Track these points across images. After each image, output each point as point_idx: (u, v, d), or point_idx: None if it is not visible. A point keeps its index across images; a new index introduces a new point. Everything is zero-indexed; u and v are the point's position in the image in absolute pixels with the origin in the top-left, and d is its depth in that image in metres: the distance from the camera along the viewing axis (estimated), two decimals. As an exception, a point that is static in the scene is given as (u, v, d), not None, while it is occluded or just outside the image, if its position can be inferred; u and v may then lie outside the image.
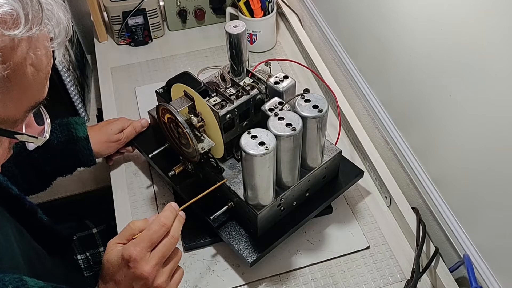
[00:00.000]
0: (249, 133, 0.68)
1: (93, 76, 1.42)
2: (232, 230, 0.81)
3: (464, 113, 0.71)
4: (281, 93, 0.79)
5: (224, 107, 0.77)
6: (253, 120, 0.82)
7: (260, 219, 0.76)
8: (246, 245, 0.79)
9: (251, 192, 0.74)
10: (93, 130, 0.92)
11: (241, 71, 0.85)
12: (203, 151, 0.76)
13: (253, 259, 0.77)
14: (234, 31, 0.81)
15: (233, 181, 0.79)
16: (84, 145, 0.89)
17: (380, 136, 0.99)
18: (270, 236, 0.79)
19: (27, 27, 0.41)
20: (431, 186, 0.84)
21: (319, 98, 0.74)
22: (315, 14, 1.21)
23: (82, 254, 1.01)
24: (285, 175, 0.76)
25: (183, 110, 0.77)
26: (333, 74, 1.13)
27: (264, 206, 0.75)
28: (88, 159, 0.90)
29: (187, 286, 0.81)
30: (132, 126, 0.95)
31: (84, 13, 1.48)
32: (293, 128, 0.69)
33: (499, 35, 0.60)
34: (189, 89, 0.77)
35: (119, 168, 1.00)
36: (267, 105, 0.77)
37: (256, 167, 0.68)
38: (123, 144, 0.95)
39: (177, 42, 1.30)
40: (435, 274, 0.79)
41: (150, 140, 0.95)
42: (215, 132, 0.77)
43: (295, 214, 0.82)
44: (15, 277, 0.58)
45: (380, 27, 0.90)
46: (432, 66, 0.76)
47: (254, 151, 0.66)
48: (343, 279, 0.81)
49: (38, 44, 0.45)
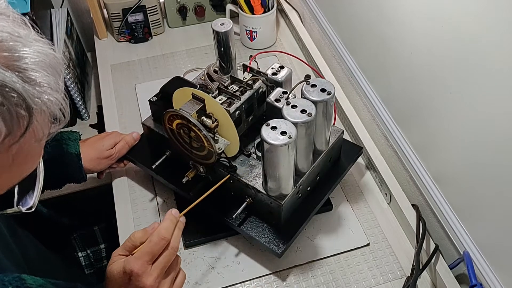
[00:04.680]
0: (268, 125, 0.69)
1: (93, 73, 1.42)
2: (253, 226, 0.81)
3: (464, 110, 0.71)
4: (280, 83, 0.80)
5: (233, 104, 0.77)
6: (257, 114, 0.82)
7: (284, 208, 0.76)
8: (271, 237, 0.79)
9: (274, 183, 0.74)
10: (84, 146, 0.89)
11: (230, 69, 0.85)
12: (220, 151, 0.75)
13: (282, 250, 0.77)
14: (222, 29, 0.81)
15: (249, 176, 0.79)
16: (75, 161, 0.87)
17: (380, 133, 0.99)
18: (291, 224, 0.80)
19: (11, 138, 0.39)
20: (431, 183, 0.84)
21: (325, 82, 0.75)
22: (315, 10, 1.21)
23: (83, 251, 1.01)
24: (301, 161, 0.77)
25: (193, 114, 0.76)
26: (333, 71, 1.13)
27: (286, 196, 0.76)
28: (78, 176, 0.88)
29: (188, 283, 0.81)
30: (124, 140, 0.92)
31: (84, 10, 1.48)
32: (308, 113, 0.70)
33: (499, 32, 0.60)
34: (198, 91, 0.76)
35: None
36: (271, 96, 0.77)
37: (280, 157, 0.69)
38: (115, 159, 0.93)
39: (177, 39, 1.29)
40: (435, 271, 0.79)
41: (145, 152, 0.93)
42: (227, 131, 0.76)
43: (310, 199, 0.83)
44: (15, 276, 0.58)
45: (380, 24, 0.90)
46: (433, 63, 0.76)
47: (278, 142, 0.67)
48: (343, 276, 0.81)
49: (25, 142, 0.41)
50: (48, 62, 0.43)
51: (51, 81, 0.42)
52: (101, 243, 1.03)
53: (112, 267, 0.63)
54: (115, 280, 0.62)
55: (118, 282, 0.62)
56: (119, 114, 1.10)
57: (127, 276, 0.61)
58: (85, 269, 1.01)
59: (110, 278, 0.62)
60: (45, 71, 0.42)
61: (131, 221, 0.90)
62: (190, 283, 0.81)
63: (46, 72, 0.42)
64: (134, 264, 0.61)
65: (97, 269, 1.02)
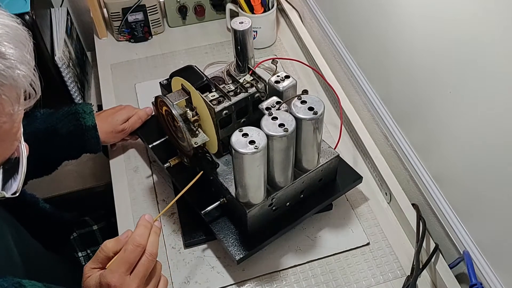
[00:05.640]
0: (240, 131, 0.68)
1: (93, 72, 1.42)
2: (223, 226, 0.81)
3: (464, 109, 0.71)
4: (281, 92, 0.79)
5: (221, 103, 0.77)
6: (251, 118, 0.82)
7: (250, 217, 0.76)
8: (235, 242, 0.79)
9: (242, 190, 0.74)
10: (99, 119, 0.92)
11: (246, 68, 0.85)
12: (196, 146, 0.76)
13: (241, 257, 0.77)
14: (240, 28, 0.80)
15: (227, 177, 0.79)
16: (93, 134, 0.90)
17: (380, 132, 0.99)
18: (260, 234, 0.79)
19: None
20: (431, 183, 0.84)
21: (316, 100, 0.73)
22: (315, 10, 1.20)
23: (83, 251, 1.01)
24: (278, 175, 0.76)
25: (181, 103, 0.77)
26: (333, 71, 1.13)
27: (255, 205, 0.75)
28: (95, 147, 0.92)
29: (187, 282, 0.81)
30: (138, 115, 0.95)
31: (84, 9, 1.48)
32: (285, 129, 0.68)
33: (499, 32, 0.60)
34: (186, 83, 0.77)
35: (119, 165, 1.00)
36: (264, 104, 0.77)
37: (245, 165, 0.68)
38: (128, 133, 0.96)
39: (177, 39, 1.29)
40: (435, 270, 0.79)
41: (153, 130, 0.96)
42: (210, 128, 0.77)
43: (289, 214, 0.82)
44: (14, 282, 0.57)
45: (380, 24, 0.90)
46: (433, 62, 0.76)
47: (243, 149, 0.66)
48: (343, 275, 0.81)
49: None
50: (12, 35, 0.42)
51: (16, 54, 0.41)
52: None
53: (87, 283, 0.59)
54: None
55: None
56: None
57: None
58: (85, 269, 1.01)
59: None
60: (9, 43, 0.41)
61: (131, 221, 0.90)
62: (190, 282, 0.81)
63: (10, 45, 0.41)
64: (110, 277, 0.57)
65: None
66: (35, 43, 0.46)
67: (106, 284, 0.57)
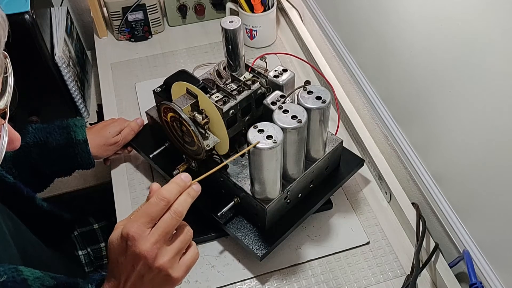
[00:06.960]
0: (255, 127, 0.68)
1: (93, 72, 1.42)
2: (239, 226, 0.81)
3: (464, 108, 0.71)
4: (281, 86, 0.79)
5: (227, 103, 0.77)
6: (255, 115, 0.82)
7: (268, 212, 0.76)
8: (255, 239, 0.79)
9: (259, 186, 0.74)
10: (91, 132, 0.91)
11: (238, 67, 0.85)
12: (208, 148, 0.76)
13: (263, 253, 0.77)
14: (230, 27, 0.81)
15: (238, 176, 0.79)
16: (83, 148, 0.88)
17: (380, 131, 0.99)
18: (277, 229, 0.80)
19: None
20: (431, 182, 0.84)
21: (322, 89, 0.74)
22: (315, 9, 1.20)
23: (83, 249, 1.01)
24: (291, 167, 0.76)
25: (187, 108, 0.77)
26: (333, 70, 1.13)
27: (272, 200, 0.76)
28: (86, 162, 0.90)
29: (187, 281, 0.81)
30: (130, 127, 0.94)
31: (84, 9, 1.48)
32: (298, 120, 0.69)
33: (499, 31, 0.60)
34: (192, 87, 0.77)
35: (120, 165, 1.00)
36: (269, 98, 0.77)
37: (264, 161, 0.69)
38: (121, 146, 0.95)
39: (177, 38, 1.29)
40: (435, 269, 0.80)
41: (148, 140, 0.95)
42: (219, 129, 0.77)
43: (301, 206, 0.83)
44: (11, 267, 0.57)
45: (380, 23, 0.90)
46: (433, 62, 0.76)
47: (262, 145, 0.66)
48: (343, 274, 0.82)
49: None
50: None
51: None
52: (101, 241, 1.03)
53: (112, 235, 0.58)
54: (113, 249, 0.57)
55: (116, 251, 0.57)
56: (119, 113, 1.10)
57: (124, 241, 0.55)
58: (85, 267, 1.01)
59: (110, 248, 0.58)
60: None
61: (132, 220, 0.90)
62: (190, 282, 0.81)
63: None
64: (129, 226, 0.54)
65: (97, 267, 1.03)
66: (35, 42, 0.45)
67: (125, 233, 0.55)
